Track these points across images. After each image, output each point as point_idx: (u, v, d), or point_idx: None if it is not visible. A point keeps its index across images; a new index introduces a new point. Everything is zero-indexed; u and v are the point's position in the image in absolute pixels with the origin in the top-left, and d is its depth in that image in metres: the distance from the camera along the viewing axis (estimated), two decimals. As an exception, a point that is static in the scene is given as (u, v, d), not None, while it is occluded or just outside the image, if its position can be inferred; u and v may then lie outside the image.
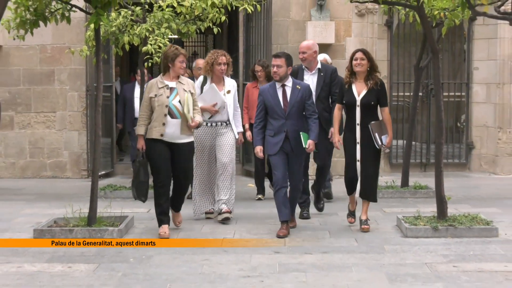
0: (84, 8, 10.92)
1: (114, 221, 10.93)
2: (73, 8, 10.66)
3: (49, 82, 16.68)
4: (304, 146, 9.57)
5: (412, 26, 14.06)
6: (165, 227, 9.62)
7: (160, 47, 12.20)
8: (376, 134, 9.83)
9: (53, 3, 10.22)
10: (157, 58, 12.63)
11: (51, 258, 9.36)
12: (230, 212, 10.76)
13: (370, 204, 10.65)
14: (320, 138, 10.29)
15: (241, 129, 11.39)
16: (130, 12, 12.13)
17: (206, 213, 11.51)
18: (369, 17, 16.54)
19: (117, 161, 17.80)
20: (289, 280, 7.91)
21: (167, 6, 11.88)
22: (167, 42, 12.33)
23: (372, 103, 9.83)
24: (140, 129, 9.36)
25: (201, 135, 10.70)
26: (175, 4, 11.73)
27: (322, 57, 12.95)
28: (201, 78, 10.99)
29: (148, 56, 12.54)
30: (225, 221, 10.86)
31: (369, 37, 16.18)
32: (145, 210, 12.15)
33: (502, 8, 9.39)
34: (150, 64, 13.29)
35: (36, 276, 8.56)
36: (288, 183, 10.19)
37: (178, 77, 9.60)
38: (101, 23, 10.79)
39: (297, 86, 9.68)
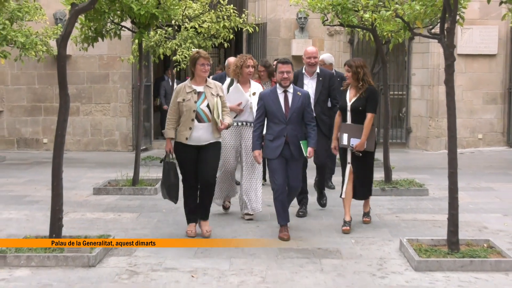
0: (131, 28, 10.88)
1: (151, 182, 11.00)
2: (123, 28, 10.65)
3: (105, 81, 16.59)
4: (305, 154, 7.68)
5: (368, 43, 13.94)
6: (192, 226, 7.67)
7: (186, 57, 12.19)
8: (345, 135, 7.97)
9: (108, 24, 10.19)
10: (183, 65, 12.63)
11: (106, 208, 9.39)
12: (253, 214, 8.64)
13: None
14: (318, 139, 8.32)
15: None
16: (164, 31, 12.06)
17: (223, 207, 9.19)
18: (337, 37, 16.44)
19: (154, 139, 17.70)
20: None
21: (191, 27, 11.82)
22: (191, 53, 12.31)
23: (360, 108, 7.96)
24: (168, 133, 7.54)
25: (226, 134, 8.38)
26: (197, 26, 11.70)
27: (327, 56, 11.69)
28: (228, 80, 8.92)
29: (177, 63, 12.57)
30: (250, 218, 8.65)
31: (337, 51, 16.04)
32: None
33: (433, 30, 9.31)
34: (178, 69, 13.32)
35: (95, 221, 8.57)
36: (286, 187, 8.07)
37: (206, 81, 7.60)
38: (143, 39, 10.84)
39: (298, 93, 7.72)
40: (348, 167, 8.04)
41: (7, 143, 16.67)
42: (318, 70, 9.22)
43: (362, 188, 8.17)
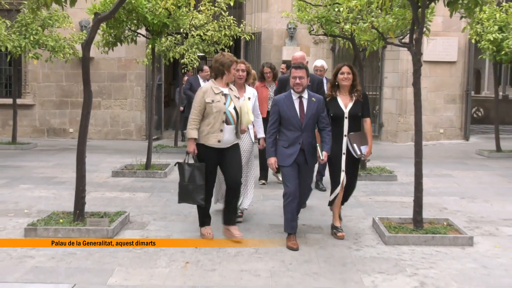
0: (145, 35, 10.84)
1: (162, 167, 10.93)
2: (138, 35, 10.62)
3: (123, 80, 16.55)
4: (321, 158, 6.29)
5: (347, 51, 13.94)
6: (208, 228, 6.48)
7: (192, 60, 12.18)
8: (355, 145, 6.64)
9: (126, 31, 10.16)
10: (190, 67, 12.61)
11: (122, 188, 9.36)
12: (241, 216, 7.26)
13: None
14: None
15: (263, 135, 7.58)
16: (173, 38, 12.03)
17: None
18: (321, 44, 16.44)
19: (164, 130, 17.68)
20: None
21: (197, 35, 11.81)
22: (197, 57, 12.31)
23: (360, 114, 6.66)
24: (193, 133, 6.22)
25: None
26: (202, 34, 11.69)
27: (319, 63, 9.96)
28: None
29: (184, 66, 12.55)
30: (238, 221, 7.05)
31: (320, 57, 15.95)
32: (180, 160, 12.14)
33: (403, 40, 9.34)
34: (185, 71, 13.31)
35: (113, 199, 8.55)
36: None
37: (227, 84, 6.49)
38: (156, 44, 10.82)
39: (313, 99, 6.28)
40: (343, 175, 6.64)
41: (38, 132, 16.64)
42: None
43: (350, 192, 6.96)
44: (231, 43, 12.51)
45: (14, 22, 12.99)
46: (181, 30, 11.20)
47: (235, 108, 6.39)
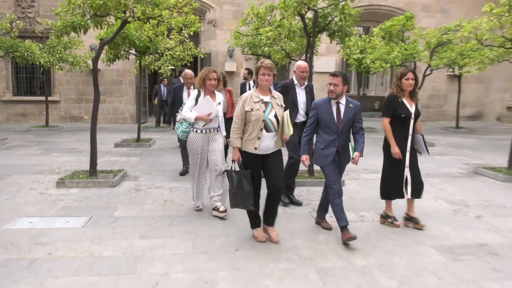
0: (135, 54, 10.56)
1: (147, 140, 10.69)
2: (130, 54, 10.34)
3: (120, 84, 16.02)
4: (352, 157, 4.61)
5: (266, 65, 13.96)
6: (260, 230, 4.65)
7: (166, 71, 11.89)
8: (423, 144, 4.90)
9: (122, 51, 9.90)
10: (165, 75, 12.31)
11: (122, 155, 9.15)
12: (225, 211, 5.19)
13: None
14: (298, 131, 5.54)
15: (225, 133, 5.41)
16: (153, 56, 11.72)
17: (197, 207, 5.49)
18: (249, 61, 16.21)
19: (149, 116, 17.29)
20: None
21: (169, 54, 11.54)
22: (169, 69, 12.02)
23: (419, 115, 4.89)
24: (236, 142, 4.49)
25: (195, 140, 5.22)
26: (172, 53, 11.44)
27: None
28: (196, 91, 5.41)
29: (161, 74, 12.25)
30: (224, 217, 5.14)
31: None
32: (159, 136, 12.03)
33: (302, 57, 9.49)
34: (162, 78, 13.05)
35: (115, 162, 8.35)
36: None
37: (270, 91, 4.57)
38: (142, 60, 10.58)
39: (350, 105, 4.66)
40: (407, 170, 4.83)
41: (63, 119, 15.94)
42: (306, 81, 5.91)
43: (421, 186, 4.92)
44: (192, 59, 12.28)
45: (45, 45, 12.53)
46: (158, 50, 10.94)
47: (276, 116, 4.37)
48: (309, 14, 7.37)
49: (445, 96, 17.58)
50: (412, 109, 4.75)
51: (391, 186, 4.90)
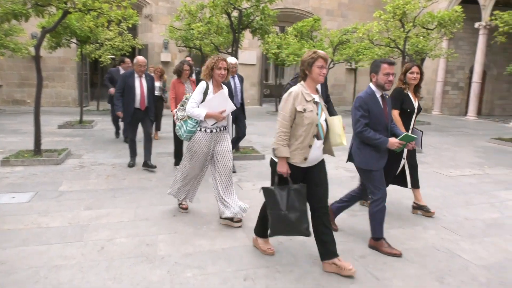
0: (76, 42, 9.79)
1: (90, 122, 10.04)
2: (71, 42, 9.58)
3: (62, 70, 14.80)
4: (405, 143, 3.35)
5: (197, 56, 13.65)
6: (268, 241, 3.29)
7: (106, 59, 11.11)
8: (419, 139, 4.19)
9: (63, 39, 9.14)
10: (105, 63, 11.47)
11: (65, 135, 8.51)
12: (240, 220, 3.81)
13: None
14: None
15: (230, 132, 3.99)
16: (94, 45, 10.90)
17: (180, 204, 4.19)
18: (183, 53, 15.59)
19: (90, 100, 16.20)
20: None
21: (109, 44, 10.80)
22: (109, 58, 11.25)
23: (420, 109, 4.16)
24: (284, 151, 2.77)
25: (203, 141, 3.68)
26: (112, 43, 10.72)
27: (234, 60, 5.51)
28: (203, 83, 3.70)
29: (102, 62, 11.43)
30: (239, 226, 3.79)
31: (180, 59, 15.53)
32: (100, 118, 11.36)
33: (228, 50, 9.38)
34: (102, 66, 12.20)
35: (60, 142, 7.74)
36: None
37: (316, 89, 2.92)
38: (83, 49, 9.87)
39: (387, 96, 3.36)
40: (403, 161, 4.03)
41: (5, 102, 14.40)
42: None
43: (417, 175, 4.33)
44: (130, 50, 11.64)
45: (-16, 31, 11.14)
46: (99, 40, 10.21)
47: (326, 120, 2.98)
48: (235, 13, 7.30)
49: (344, 85, 18.45)
50: (415, 104, 4.09)
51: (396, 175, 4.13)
